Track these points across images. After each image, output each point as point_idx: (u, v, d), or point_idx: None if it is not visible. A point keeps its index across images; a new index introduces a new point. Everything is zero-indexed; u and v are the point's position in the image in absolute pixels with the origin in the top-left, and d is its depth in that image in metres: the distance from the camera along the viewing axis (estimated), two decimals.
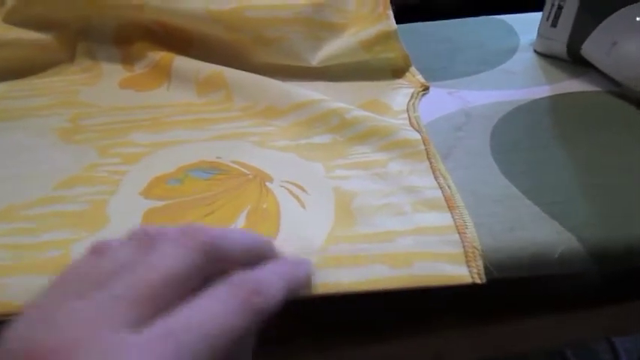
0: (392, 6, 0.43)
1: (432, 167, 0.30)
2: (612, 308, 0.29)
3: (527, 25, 0.51)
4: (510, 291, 0.30)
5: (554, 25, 0.44)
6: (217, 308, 0.17)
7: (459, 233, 0.25)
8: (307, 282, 0.22)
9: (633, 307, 0.29)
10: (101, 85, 0.43)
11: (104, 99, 0.40)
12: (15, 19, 0.43)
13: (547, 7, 0.44)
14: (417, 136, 0.33)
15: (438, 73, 0.43)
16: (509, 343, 0.30)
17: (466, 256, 0.24)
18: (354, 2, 0.43)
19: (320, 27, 0.42)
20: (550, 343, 0.31)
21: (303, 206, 0.28)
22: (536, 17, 0.48)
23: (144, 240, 0.19)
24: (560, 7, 0.43)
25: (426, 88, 0.40)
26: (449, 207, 0.27)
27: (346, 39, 0.42)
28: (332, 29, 0.42)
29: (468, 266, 0.24)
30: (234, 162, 0.32)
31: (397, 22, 0.42)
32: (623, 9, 0.39)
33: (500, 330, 0.29)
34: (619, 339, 0.63)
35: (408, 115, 0.37)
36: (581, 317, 0.30)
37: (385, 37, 0.41)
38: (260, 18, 0.41)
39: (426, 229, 0.26)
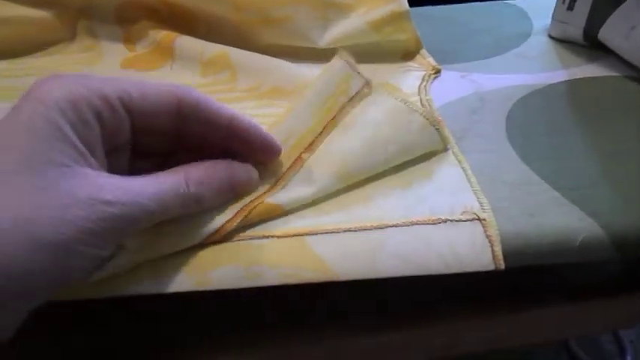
0: None
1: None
2: (628, 298, 0.28)
3: (540, 9, 0.50)
4: (524, 279, 0.29)
5: (570, 8, 0.42)
6: (163, 186, 0.20)
7: (477, 218, 0.24)
8: (248, 185, 0.24)
9: None
10: (102, 64, 0.41)
11: None
12: None
13: None
14: (442, 127, 0.31)
15: (449, 56, 0.42)
16: (521, 333, 0.29)
17: (488, 242, 0.23)
18: None
19: (328, 7, 0.40)
20: (563, 334, 0.31)
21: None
22: (548, 1, 0.47)
23: None
24: None
25: (437, 71, 0.39)
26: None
27: (355, 19, 0.40)
28: (340, 9, 0.41)
29: (491, 252, 0.23)
30: None
31: None
32: None
33: (512, 320, 0.28)
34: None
35: (420, 97, 0.35)
36: (597, 307, 0.29)
37: (396, 18, 0.39)
38: None
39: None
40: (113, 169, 0.21)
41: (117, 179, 0.19)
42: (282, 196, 0.25)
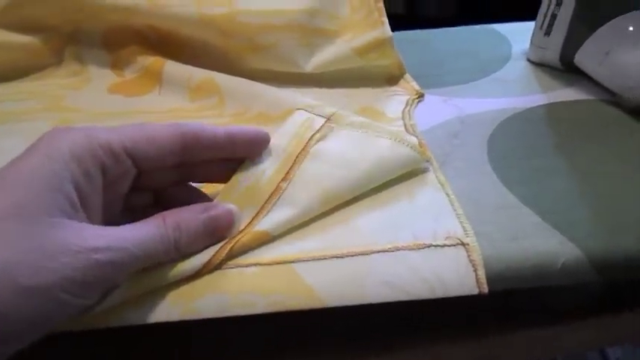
0: None
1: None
2: (615, 318, 0.29)
3: (518, 34, 0.51)
4: (508, 301, 0.29)
5: (547, 33, 0.44)
6: (143, 231, 0.20)
7: (461, 243, 0.25)
8: (227, 227, 0.24)
9: (633, 317, 0.29)
10: (89, 89, 0.42)
11: (92, 104, 0.39)
12: (2, 22, 0.42)
13: (540, 16, 0.44)
14: (414, 142, 0.32)
15: (431, 80, 0.43)
16: (506, 354, 0.30)
17: (471, 266, 0.23)
18: (348, 9, 0.43)
19: (313, 33, 0.41)
20: (548, 354, 0.31)
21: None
22: (527, 26, 0.48)
23: None
24: (553, 16, 0.43)
25: (420, 96, 0.40)
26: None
27: (340, 45, 0.41)
28: (326, 36, 0.42)
29: (475, 276, 0.23)
30: None
31: None
32: (615, 19, 0.39)
33: (497, 341, 0.29)
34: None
35: (404, 122, 0.36)
36: (580, 327, 0.29)
37: (380, 44, 0.40)
38: (253, 24, 0.40)
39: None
40: (108, 207, 0.21)
41: (103, 229, 0.19)
42: (266, 222, 0.25)
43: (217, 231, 0.23)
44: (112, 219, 0.22)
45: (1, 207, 0.17)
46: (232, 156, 0.25)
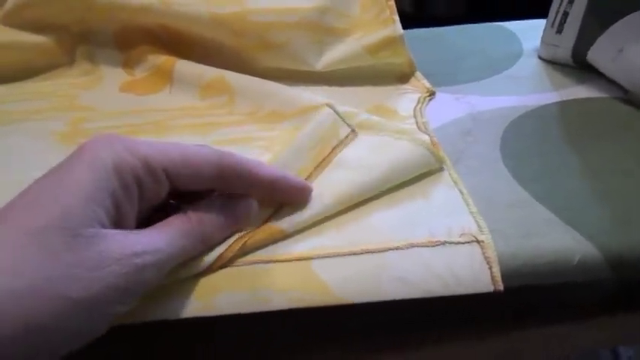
0: None
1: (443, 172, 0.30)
2: (629, 316, 0.28)
3: (529, 31, 0.51)
4: (522, 299, 0.29)
5: (559, 31, 0.43)
6: (172, 230, 0.21)
7: (475, 240, 0.25)
8: (248, 217, 0.24)
9: None
10: (101, 88, 0.42)
11: (104, 103, 0.40)
12: (14, 22, 0.42)
13: (552, 13, 0.44)
14: (427, 140, 0.32)
15: (443, 78, 0.42)
16: (521, 351, 0.30)
17: (486, 263, 0.23)
18: (358, 7, 0.43)
19: (324, 31, 0.41)
20: (563, 351, 0.31)
21: None
22: (537, 24, 0.48)
23: None
24: (565, 14, 0.42)
25: (432, 94, 0.40)
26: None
27: (351, 44, 0.41)
28: (336, 34, 0.42)
29: (490, 273, 0.23)
30: None
31: None
32: (629, 16, 0.39)
33: (511, 338, 0.29)
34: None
35: (416, 120, 0.36)
36: (594, 326, 0.29)
37: (391, 43, 0.40)
38: (264, 22, 0.40)
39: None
40: (139, 215, 0.22)
41: (136, 234, 0.20)
42: (283, 220, 0.25)
43: (237, 221, 0.24)
44: (140, 221, 0.22)
45: (45, 219, 0.18)
46: (270, 199, 0.25)
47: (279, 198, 0.25)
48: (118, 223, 0.20)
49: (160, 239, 0.20)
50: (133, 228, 0.21)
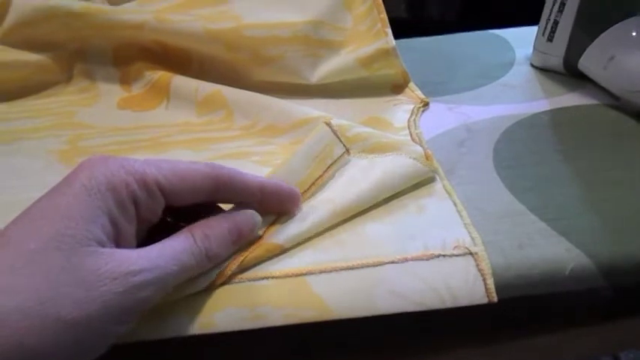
0: None
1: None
2: (623, 322, 0.29)
3: (521, 39, 0.52)
4: (518, 308, 0.29)
5: (550, 39, 0.44)
6: (174, 247, 0.21)
7: (469, 252, 0.25)
8: (252, 232, 0.24)
9: None
10: (99, 105, 0.42)
11: (102, 120, 0.40)
12: (12, 41, 0.43)
13: (542, 22, 0.45)
14: (420, 152, 0.32)
15: (436, 88, 0.43)
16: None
17: (480, 275, 0.24)
18: (352, 20, 0.44)
19: (318, 45, 0.42)
20: (560, 359, 0.31)
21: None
22: (529, 31, 0.48)
23: None
24: (556, 22, 0.43)
25: (426, 104, 0.40)
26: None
27: (345, 56, 0.42)
28: (330, 47, 0.42)
29: (484, 285, 0.24)
30: None
31: None
32: (618, 24, 0.39)
33: (508, 348, 0.29)
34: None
35: (410, 131, 0.37)
36: (592, 332, 0.29)
37: (384, 55, 0.41)
38: (259, 37, 0.41)
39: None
40: (138, 233, 0.22)
41: (136, 252, 0.20)
42: (279, 234, 0.25)
43: (241, 236, 0.24)
44: (141, 242, 0.23)
45: (40, 239, 0.18)
46: (262, 208, 0.25)
47: (271, 206, 0.26)
48: (118, 241, 0.20)
49: (159, 257, 0.20)
50: (134, 246, 0.21)
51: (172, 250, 0.21)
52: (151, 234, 0.22)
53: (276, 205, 0.26)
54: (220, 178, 0.23)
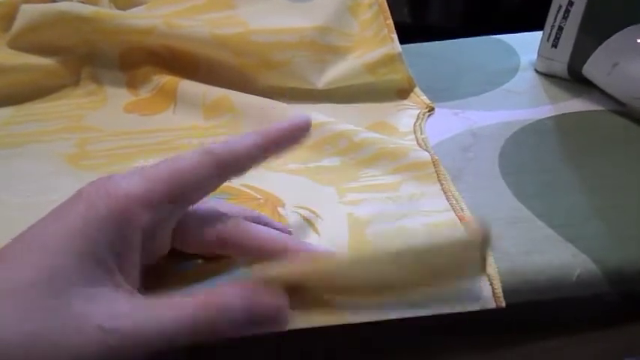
0: None
1: (443, 189, 0.31)
2: (629, 328, 0.29)
3: (526, 44, 0.52)
4: (524, 313, 0.29)
5: (554, 45, 0.44)
6: (173, 316, 0.18)
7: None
8: (272, 319, 0.21)
9: None
10: (105, 109, 0.43)
11: (109, 123, 0.40)
12: (20, 45, 0.43)
13: (547, 27, 0.45)
14: (426, 158, 0.33)
15: (442, 93, 0.43)
16: None
17: (487, 280, 0.24)
18: (358, 26, 0.44)
19: (325, 50, 0.42)
20: None
21: (318, 233, 0.27)
22: (533, 37, 0.49)
23: None
24: (560, 28, 0.43)
25: (431, 109, 0.41)
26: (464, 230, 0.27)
27: (351, 62, 0.42)
28: (337, 52, 0.43)
29: (492, 290, 0.24)
30: (244, 185, 0.32)
31: None
32: (623, 30, 0.39)
33: (514, 353, 0.29)
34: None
35: (415, 136, 0.37)
36: (597, 338, 0.30)
37: (390, 60, 0.41)
38: (266, 42, 0.41)
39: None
40: (158, 247, 0.22)
41: (128, 304, 0.18)
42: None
43: (263, 321, 0.20)
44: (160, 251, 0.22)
45: (31, 271, 0.17)
46: (278, 154, 0.24)
47: (283, 146, 0.24)
48: (122, 273, 0.19)
49: (152, 320, 0.18)
50: (138, 274, 0.20)
51: (167, 321, 0.18)
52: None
53: (288, 143, 0.24)
54: (219, 155, 0.22)
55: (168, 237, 0.23)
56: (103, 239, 0.18)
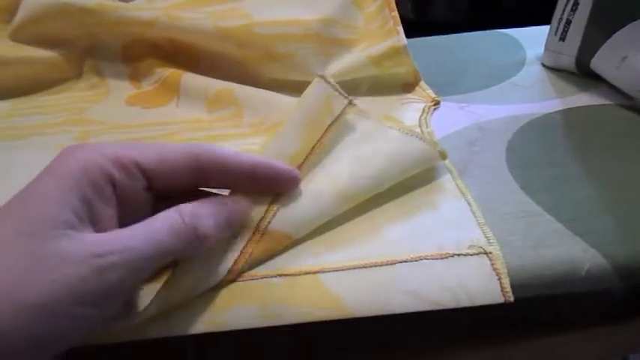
0: None
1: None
2: (636, 323, 0.28)
3: (532, 38, 0.51)
4: (532, 308, 0.29)
5: (562, 39, 0.44)
6: (154, 226, 0.20)
7: (484, 252, 0.25)
8: (243, 214, 0.24)
9: None
10: (108, 101, 0.42)
11: (111, 116, 0.40)
12: (22, 37, 0.43)
13: (555, 21, 0.44)
14: (427, 136, 0.32)
15: (447, 87, 0.43)
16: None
17: (495, 275, 0.24)
18: (363, 18, 0.43)
19: (330, 43, 0.42)
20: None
21: None
22: (540, 31, 0.48)
23: None
24: (568, 22, 0.43)
25: (436, 103, 0.40)
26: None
27: (356, 54, 0.42)
28: (342, 45, 0.42)
29: (500, 285, 0.23)
30: None
31: None
32: (632, 23, 0.39)
33: (521, 348, 0.29)
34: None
35: (421, 129, 0.36)
36: (605, 332, 0.29)
37: (395, 53, 0.41)
38: (270, 34, 0.41)
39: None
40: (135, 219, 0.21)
41: (108, 234, 0.19)
42: (285, 223, 0.25)
43: (234, 217, 0.23)
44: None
45: (12, 228, 0.18)
46: (254, 189, 0.24)
47: (265, 187, 0.25)
48: (95, 223, 0.20)
49: (131, 238, 0.19)
50: (115, 229, 0.21)
51: (148, 230, 0.20)
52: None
53: (271, 185, 0.25)
54: (203, 157, 0.22)
55: (143, 210, 0.22)
56: (75, 188, 0.19)
